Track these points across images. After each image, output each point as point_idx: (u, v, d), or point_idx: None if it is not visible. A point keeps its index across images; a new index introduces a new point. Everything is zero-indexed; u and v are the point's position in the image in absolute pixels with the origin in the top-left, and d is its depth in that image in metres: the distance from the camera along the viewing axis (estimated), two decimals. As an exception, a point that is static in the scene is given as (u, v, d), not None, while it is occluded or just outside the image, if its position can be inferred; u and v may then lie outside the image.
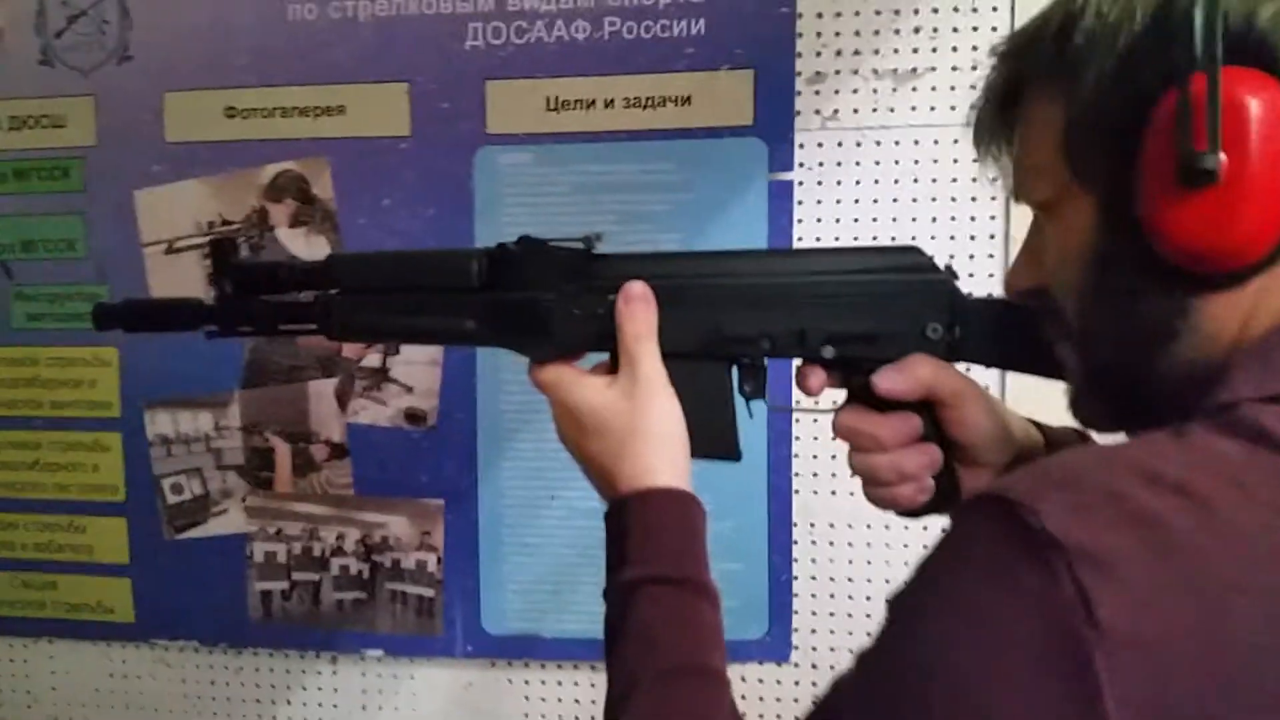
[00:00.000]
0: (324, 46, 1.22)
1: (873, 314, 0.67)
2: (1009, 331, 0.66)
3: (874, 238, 1.13)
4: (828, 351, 0.68)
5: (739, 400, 0.70)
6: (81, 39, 1.28)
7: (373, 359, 1.25)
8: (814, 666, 1.17)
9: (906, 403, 0.66)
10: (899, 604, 0.48)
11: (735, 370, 0.70)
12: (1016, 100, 0.57)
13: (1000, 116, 0.59)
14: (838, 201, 1.14)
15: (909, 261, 0.68)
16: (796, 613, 1.18)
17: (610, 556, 0.63)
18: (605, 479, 0.65)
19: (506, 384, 1.22)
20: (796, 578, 1.17)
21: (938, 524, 0.70)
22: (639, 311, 0.67)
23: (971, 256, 1.11)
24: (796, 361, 0.70)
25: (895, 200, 1.12)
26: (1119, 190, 0.50)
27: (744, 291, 0.69)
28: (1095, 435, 0.69)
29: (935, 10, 1.10)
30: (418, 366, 1.24)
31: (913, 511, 0.69)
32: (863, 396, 0.67)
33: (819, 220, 1.14)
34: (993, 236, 1.10)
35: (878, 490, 0.69)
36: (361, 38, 1.21)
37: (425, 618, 1.25)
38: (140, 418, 1.30)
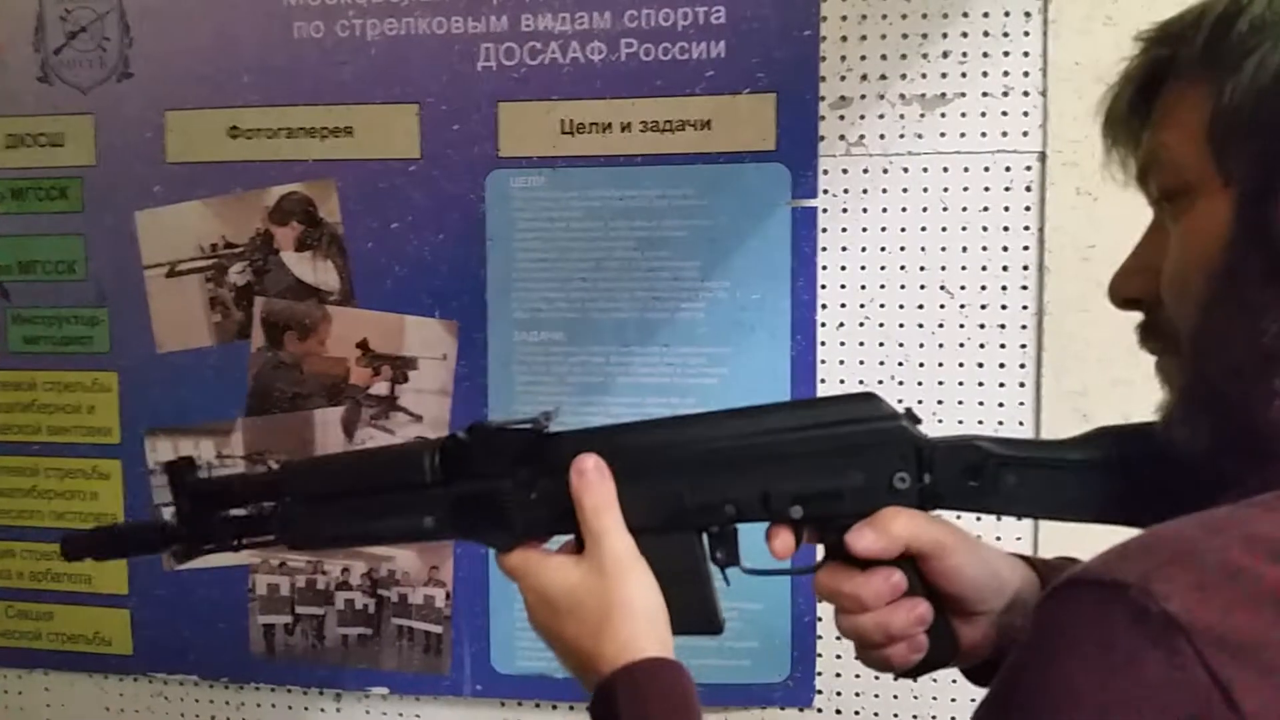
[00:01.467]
0: (331, 66, 1.18)
1: (834, 470, 0.64)
2: (982, 472, 0.63)
3: (901, 267, 1.09)
4: (795, 512, 0.65)
5: (715, 569, 0.67)
6: (81, 55, 1.24)
7: (380, 386, 1.21)
8: (838, 713, 1.12)
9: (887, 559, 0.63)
10: (989, 712, 0.44)
11: (705, 538, 0.67)
12: (1158, 88, 0.53)
13: (1134, 105, 0.55)
14: (863, 230, 1.10)
15: (864, 411, 0.65)
16: (820, 656, 1.13)
17: None
18: (586, 662, 0.62)
19: (519, 414, 1.18)
20: (821, 619, 1.12)
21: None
22: (594, 484, 0.65)
23: (1004, 288, 1.07)
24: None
25: (923, 229, 1.08)
26: (1264, 188, 0.46)
27: (702, 458, 0.66)
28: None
29: (965, 35, 1.06)
30: (427, 395, 1.20)
31: (910, 672, 0.65)
32: (840, 554, 0.64)
33: (843, 249, 1.10)
34: (1025, 268, 1.06)
35: (868, 653, 0.65)
36: (370, 57, 1.18)
37: (432, 655, 1.22)
38: (141, 445, 1.26)
